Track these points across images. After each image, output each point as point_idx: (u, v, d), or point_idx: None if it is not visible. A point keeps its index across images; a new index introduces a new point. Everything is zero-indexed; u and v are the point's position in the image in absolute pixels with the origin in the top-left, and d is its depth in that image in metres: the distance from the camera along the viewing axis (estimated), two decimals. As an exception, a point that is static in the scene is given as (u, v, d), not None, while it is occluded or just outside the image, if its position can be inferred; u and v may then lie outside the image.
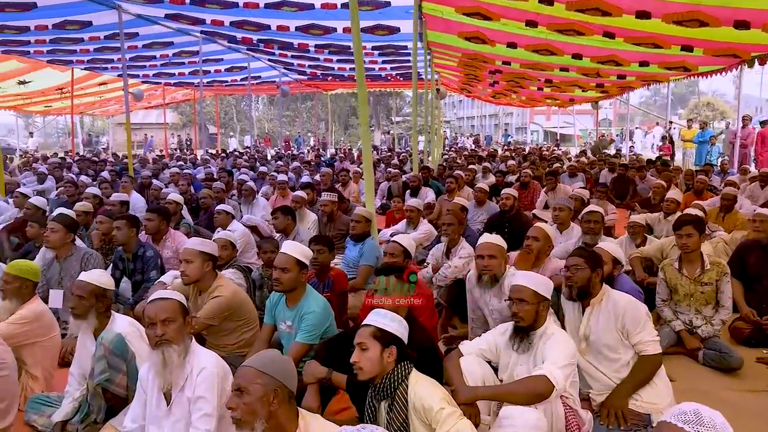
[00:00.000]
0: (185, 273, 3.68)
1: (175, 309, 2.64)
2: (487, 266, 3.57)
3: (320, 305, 3.41)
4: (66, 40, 13.81)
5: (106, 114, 31.37)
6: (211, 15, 11.83)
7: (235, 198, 9.09)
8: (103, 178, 9.82)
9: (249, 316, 3.81)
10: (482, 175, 12.07)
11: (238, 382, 2.04)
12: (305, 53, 15.91)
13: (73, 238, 4.52)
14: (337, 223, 6.91)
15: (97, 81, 20.33)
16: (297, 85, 24.59)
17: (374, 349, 2.38)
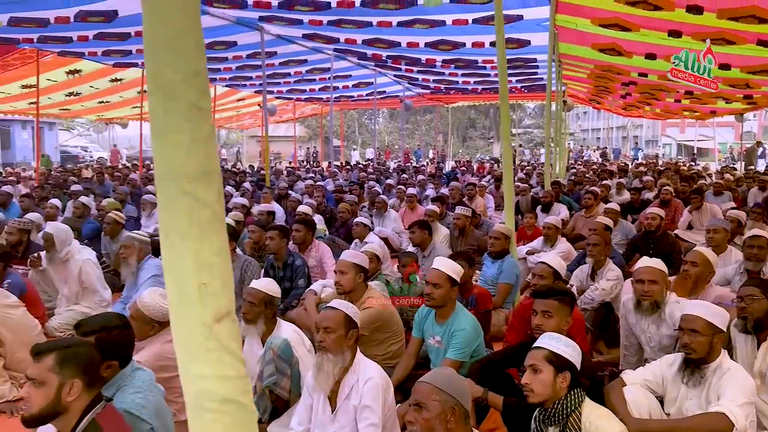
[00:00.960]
0: (339, 283, 3.86)
1: (338, 320, 2.78)
2: (648, 292, 3.42)
3: (470, 323, 3.44)
4: (212, 59, 14.99)
5: (241, 128, 33.61)
6: (345, 34, 12.33)
7: (366, 210, 9.37)
8: (246, 188, 10.50)
9: (397, 328, 3.92)
10: (616, 191, 11.53)
11: (416, 398, 2.11)
12: (432, 68, 16.15)
13: (234, 247, 4.89)
14: (469, 237, 6.91)
15: (236, 97, 21.85)
16: (419, 99, 24.95)
17: (547, 373, 2.36)
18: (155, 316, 3.10)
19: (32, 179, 13.88)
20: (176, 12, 0.96)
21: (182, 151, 0.97)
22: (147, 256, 4.95)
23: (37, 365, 1.96)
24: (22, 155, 32.25)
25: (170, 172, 0.97)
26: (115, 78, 16.48)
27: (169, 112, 0.96)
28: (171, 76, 0.96)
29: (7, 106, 18.92)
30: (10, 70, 14.20)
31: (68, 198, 9.17)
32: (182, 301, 1.00)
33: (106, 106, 20.23)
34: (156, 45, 0.97)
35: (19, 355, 3.74)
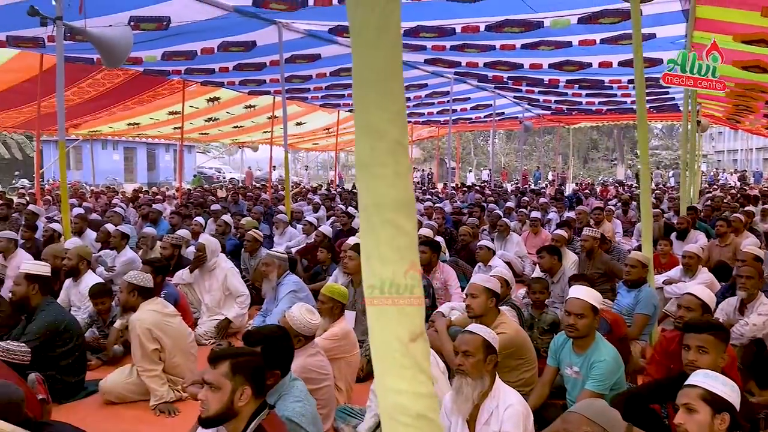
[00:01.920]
0: (470, 307, 3.88)
1: (477, 344, 2.79)
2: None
3: (611, 354, 3.32)
4: (337, 86, 15.68)
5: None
6: (467, 58, 12.42)
7: (486, 233, 9.30)
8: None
9: (529, 355, 3.86)
10: (761, 218, 10.61)
11: (566, 427, 2.09)
12: (554, 89, 15.83)
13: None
14: (597, 261, 6.65)
15: (357, 121, 22.65)
16: (539, 120, 24.48)
17: (704, 414, 2.23)
18: (302, 330, 3.29)
19: (175, 198, 15.16)
20: (382, 57, 1.07)
21: (386, 183, 1.06)
22: (285, 273, 5.27)
23: (214, 371, 2.17)
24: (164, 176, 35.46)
25: (374, 202, 1.07)
26: (248, 105, 17.71)
27: (374, 149, 1.07)
28: (377, 116, 1.06)
29: (155, 131, 20.89)
30: (159, 99, 15.72)
31: (208, 216, 9.92)
32: (380, 319, 1.09)
33: (240, 131, 21.76)
34: (364, 87, 1.08)
35: (176, 360, 4.10)
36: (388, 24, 1.08)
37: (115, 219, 8.32)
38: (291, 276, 5.35)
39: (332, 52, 11.97)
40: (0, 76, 12.10)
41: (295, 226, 9.56)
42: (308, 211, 12.49)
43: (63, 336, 4.04)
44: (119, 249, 6.73)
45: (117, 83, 13.52)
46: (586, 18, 9.08)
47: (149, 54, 10.99)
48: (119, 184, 27.02)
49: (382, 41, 1.06)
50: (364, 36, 1.07)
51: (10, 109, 14.99)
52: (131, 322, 3.96)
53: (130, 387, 4.07)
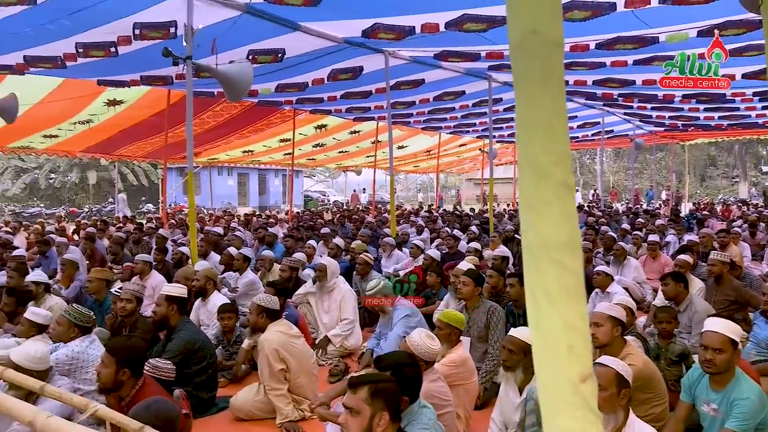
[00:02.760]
0: (595, 336, 3.75)
1: (610, 378, 2.70)
2: None
3: (755, 392, 3.09)
4: (440, 110, 15.82)
5: (461, 171, 34.62)
6: (575, 76, 12.14)
7: (600, 256, 8.95)
8: (473, 232, 10.74)
9: (660, 389, 3.67)
10: None
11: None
12: (669, 104, 15.07)
13: (480, 291, 5.05)
14: (725, 286, 6.21)
15: (457, 143, 22.67)
16: (651, 137, 23.32)
17: None
18: (422, 355, 3.33)
19: (287, 221, 15.86)
20: (546, 102, 1.10)
21: (552, 224, 1.08)
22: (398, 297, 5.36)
23: (354, 396, 2.25)
24: (274, 199, 37.20)
25: (540, 242, 1.10)
26: (353, 130, 18.27)
27: (539, 189, 1.09)
28: (543, 158, 1.09)
29: (267, 158, 22.01)
30: (271, 127, 16.59)
31: (318, 239, 10.28)
32: (551, 359, 1.10)
33: (345, 156, 22.44)
34: (529, 129, 1.11)
35: (300, 380, 4.27)
36: (553, 71, 1.11)
37: (236, 242, 8.82)
38: (404, 300, 5.42)
39: (436, 77, 12.10)
40: (132, 112, 13.27)
41: (402, 249, 9.68)
42: (412, 233, 12.61)
43: (198, 354, 4.34)
44: (242, 271, 7.13)
45: (234, 114, 14.45)
46: (707, 31, 8.61)
47: (265, 86, 11.66)
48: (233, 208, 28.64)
49: (546, 87, 1.10)
50: (528, 82, 1.11)
51: (140, 141, 16.40)
52: (260, 343, 4.18)
53: (258, 405, 4.28)
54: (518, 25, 1.12)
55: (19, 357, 3.28)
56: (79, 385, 3.87)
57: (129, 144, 16.74)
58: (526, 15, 1.12)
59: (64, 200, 34.51)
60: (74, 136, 14.75)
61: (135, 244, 10.27)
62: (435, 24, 8.16)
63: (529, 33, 1.10)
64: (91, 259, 8.92)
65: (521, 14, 1.12)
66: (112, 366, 3.02)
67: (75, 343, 4.01)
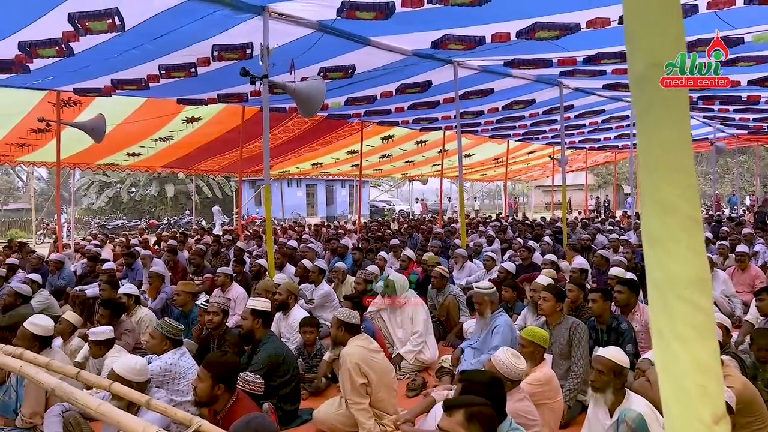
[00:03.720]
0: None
1: None
2: None
3: None
4: (509, 119, 15.62)
5: (529, 179, 34.02)
6: (651, 79, 11.72)
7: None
8: (546, 243, 10.52)
9: (761, 411, 3.47)
10: None
11: None
12: (753, 105, 14.28)
13: (561, 308, 4.93)
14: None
15: (526, 150, 22.30)
16: (733, 140, 22.18)
17: None
18: (508, 374, 3.29)
19: (355, 231, 16.02)
20: (671, 132, 1.07)
21: (679, 259, 1.05)
22: (498, 309, 5.32)
23: (450, 419, 2.25)
24: (340, 209, 37.74)
25: (667, 278, 1.07)
26: (420, 140, 18.29)
27: (666, 225, 1.07)
28: (668, 191, 1.06)
29: (335, 170, 22.36)
30: (340, 140, 16.86)
31: (388, 251, 10.34)
32: (680, 399, 1.07)
33: (411, 165, 22.50)
34: (652, 163, 1.08)
35: (380, 395, 4.30)
36: (678, 99, 1.08)
37: (310, 254, 8.99)
38: (504, 315, 5.34)
39: (505, 85, 11.96)
40: (209, 128, 13.82)
41: (473, 260, 9.59)
42: (482, 243, 12.47)
43: (282, 367, 4.45)
44: (317, 283, 7.27)
45: (304, 128, 14.78)
46: (796, 29, 8.14)
47: (334, 101, 11.88)
48: (303, 219, 29.24)
49: (671, 117, 1.07)
50: (651, 113, 1.09)
51: (216, 156, 17.04)
52: (342, 357, 4.24)
53: (340, 418, 4.34)
54: (641, 55, 1.10)
55: (121, 369, 3.46)
56: (172, 396, 4.05)
57: (206, 159, 17.42)
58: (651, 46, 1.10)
59: (144, 213, 36.23)
60: (155, 153, 15.49)
61: (213, 256, 10.64)
62: (506, 33, 8.08)
63: (653, 65, 1.08)
64: (173, 271, 9.31)
65: (644, 45, 1.10)
66: (208, 381, 3.13)
67: (168, 356, 4.19)
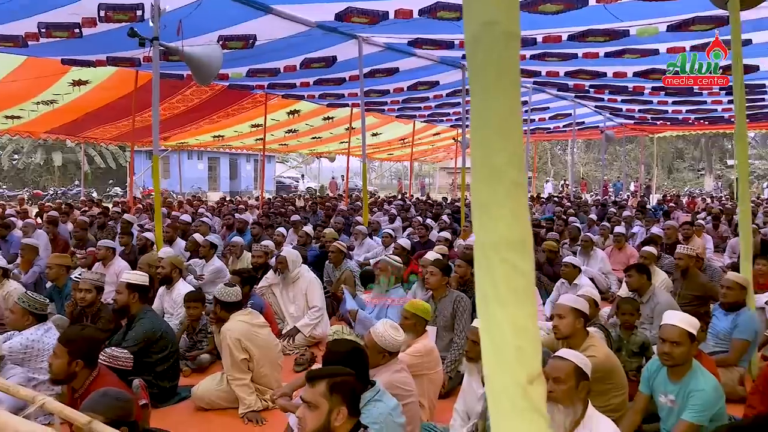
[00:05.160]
0: (557, 328, 3.78)
1: (569, 371, 2.71)
2: None
3: (711, 384, 3.15)
4: (414, 99, 15.78)
5: (435, 160, 34.69)
6: (547, 67, 12.18)
7: (567, 247, 9.05)
8: (444, 221, 10.76)
9: (619, 380, 3.72)
10: None
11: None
12: (639, 96, 15.26)
13: (446, 281, 5.04)
14: (692, 281, 6.32)
15: (431, 132, 22.68)
16: (621, 129, 23.64)
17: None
18: (386, 346, 3.32)
19: (258, 208, 15.67)
20: (501, 98, 1.07)
21: (502, 223, 1.06)
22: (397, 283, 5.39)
23: (312, 390, 2.22)
24: (245, 185, 36.79)
25: (491, 241, 1.07)
26: (327, 116, 18.10)
27: (491, 189, 1.07)
28: (495, 157, 1.07)
29: (238, 143, 21.71)
30: (243, 112, 16.34)
31: (289, 226, 10.18)
32: (499, 361, 1.08)
33: (318, 142, 22.26)
34: (483, 128, 1.08)
35: (263, 370, 4.23)
36: (509, 65, 1.08)
37: (203, 229, 8.68)
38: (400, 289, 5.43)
39: (410, 65, 12.04)
40: (99, 93, 12.92)
41: (373, 237, 9.65)
42: (384, 221, 12.59)
43: (159, 343, 4.26)
44: (208, 258, 7.03)
45: (204, 98, 14.18)
46: (676, 26, 8.71)
47: (235, 71, 11.47)
48: (203, 193, 28.25)
49: (501, 82, 1.07)
50: (483, 77, 1.08)
51: (107, 124, 16.01)
52: (222, 333, 4.12)
53: (221, 394, 4.23)
54: (475, 15, 1.08)
55: (-32, 346, 3.18)
56: (34, 374, 3.78)
57: (96, 126, 16.33)
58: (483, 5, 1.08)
59: (28, 182, 33.63)
60: (38, 117, 14.32)
61: (99, 229, 10.04)
62: (408, 10, 8.09)
63: (486, 24, 1.07)
64: (53, 244, 8.70)
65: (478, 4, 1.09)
66: (64, 357, 2.93)
67: (30, 332, 3.90)
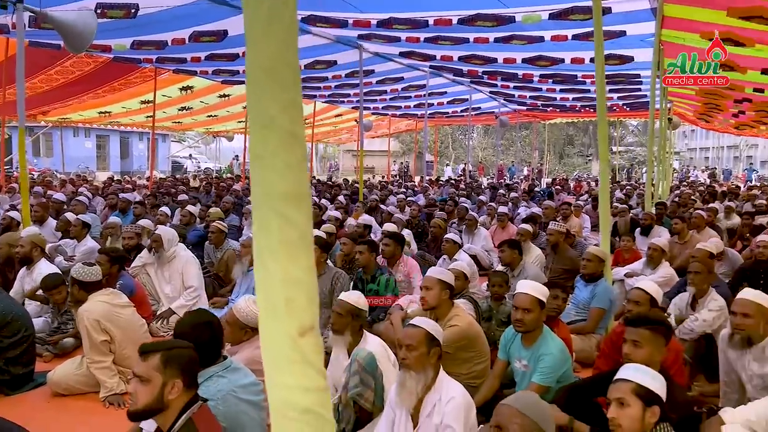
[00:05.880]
0: (424, 299, 3.89)
1: (420, 338, 2.79)
2: (740, 325, 3.20)
3: (558, 348, 3.36)
4: (313, 79, 15.57)
5: (338, 142, 34.59)
6: (442, 51, 12.41)
7: (455, 226, 9.33)
8: (340, 202, 10.77)
9: (482, 348, 3.89)
10: (725, 215, 10.80)
11: (498, 420, 2.11)
12: (528, 83, 15.90)
13: (326, 258, 5.05)
14: (562, 256, 6.73)
15: (333, 113, 22.54)
16: (515, 115, 24.62)
17: (636, 408, 2.25)
18: (248, 322, 3.27)
19: (146, 187, 14.95)
20: (275, 46, 1.05)
21: (276, 174, 1.04)
22: None
23: (144, 364, 2.13)
24: (138, 164, 34.95)
25: (264, 193, 1.05)
26: (223, 94, 17.49)
27: (265, 138, 1.05)
28: (269, 106, 1.04)
29: (127, 120, 20.56)
30: (131, 87, 15.46)
31: (177, 206, 9.80)
32: (270, 314, 1.07)
33: (214, 120, 21.51)
34: (256, 75, 1.05)
35: (126, 352, 4.04)
36: (283, 12, 1.05)
37: (79, 208, 8.17)
38: None
39: (307, 43, 11.81)
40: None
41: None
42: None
43: (10, 327, 3.97)
44: (79, 238, 6.63)
45: (87, 71, 13.25)
46: (557, 14, 9.12)
47: (118, 42, 10.81)
48: (91, 173, 26.58)
49: (273, 29, 1.04)
50: (255, 24, 1.05)
51: (-25, 95, 14.62)
52: (79, 314, 3.89)
53: (80, 379, 4.01)
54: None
55: None
56: None
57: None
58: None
59: None
60: None
61: (-39, 209, 9.18)
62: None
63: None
64: None
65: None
66: None
67: None
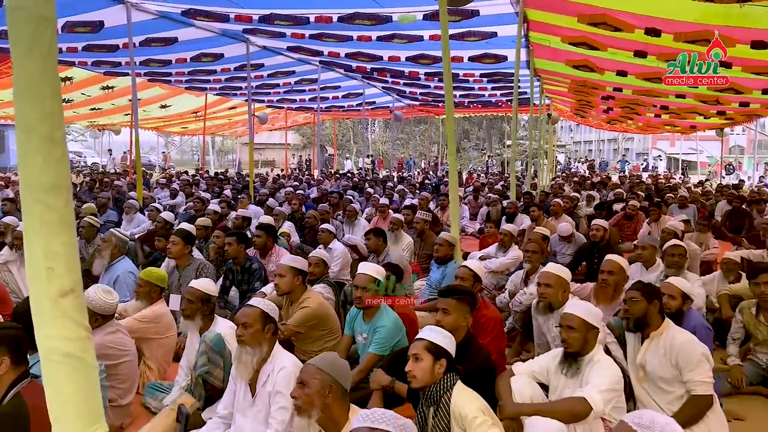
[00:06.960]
0: (278, 285, 4.20)
1: (255, 316, 3.06)
2: (543, 294, 3.78)
3: (392, 320, 3.78)
4: (201, 72, 15.37)
5: (234, 135, 34.03)
6: (328, 47, 12.69)
7: (340, 218, 9.70)
8: (225, 196, 10.84)
9: (333, 326, 4.25)
10: (586, 203, 11.90)
11: (301, 377, 2.46)
12: (416, 81, 16.50)
13: (190, 250, 5.22)
14: (428, 242, 7.24)
15: (227, 105, 22.26)
16: (410, 110, 25.36)
17: (427, 361, 2.69)
18: (98, 310, 3.43)
19: (22, 184, 14.18)
20: (35, 66, 1.31)
21: (36, 170, 1.32)
22: (121, 256, 5.29)
23: None
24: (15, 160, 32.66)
25: (27, 185, 1.32)
26: (106, 86, 16.87)
27: (26, 141, 1.31)
28: (31, 115, 1.31)
29: (2, 112, 19.31)
30: (3, 78, 14.59)
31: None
32: (35, 280, 1.34)
33: (98, 113, 20.62)
34: (19, 89, 1.31)
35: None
36: (41, 39, 1.31)
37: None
38: (126, 262, 5.37)
39: (190, 36, 11.76)
40: None
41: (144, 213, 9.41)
42: (165, 197, 12.27)
43: None
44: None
45: (-52, 59, 12.42)
46: (431, 15, 9.64)
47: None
48: (-38, 169, 24.64)
49: (34, 53, 1.30)
50: (18, 48, 1.31)
51: None
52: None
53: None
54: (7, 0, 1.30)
55: None
56: None
57: None
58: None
59: None
60: None
61: None
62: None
63: (13, 9, 1.30)
64: None
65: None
66: None
67: None
